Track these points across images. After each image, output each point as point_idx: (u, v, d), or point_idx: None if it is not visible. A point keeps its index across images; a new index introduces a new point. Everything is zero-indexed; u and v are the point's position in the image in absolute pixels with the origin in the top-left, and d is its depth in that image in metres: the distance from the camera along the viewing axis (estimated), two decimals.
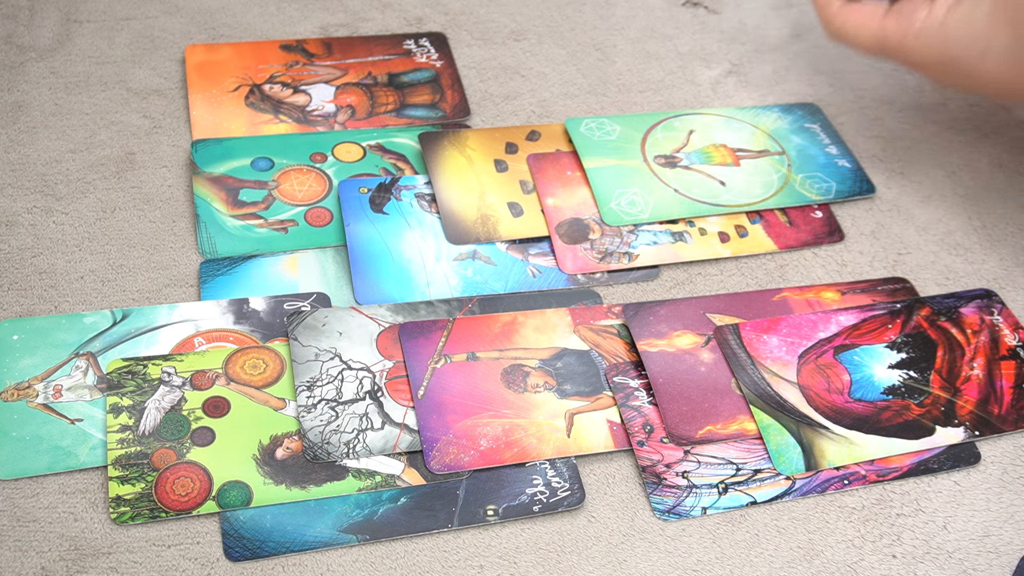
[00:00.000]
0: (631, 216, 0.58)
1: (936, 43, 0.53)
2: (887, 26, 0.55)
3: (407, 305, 0.53)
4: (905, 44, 0.55)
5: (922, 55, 0.54)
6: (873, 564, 0.46)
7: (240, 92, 0.63)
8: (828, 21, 0.58)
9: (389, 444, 0.48)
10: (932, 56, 0.54)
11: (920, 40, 0.54)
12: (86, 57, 0.65)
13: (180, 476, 0.46)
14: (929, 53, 0.54)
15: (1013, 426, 0.51)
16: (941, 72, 0.55)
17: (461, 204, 0.58)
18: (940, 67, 0.54)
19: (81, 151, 0.59)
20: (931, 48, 0.54)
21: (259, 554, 0.44)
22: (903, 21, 0.55)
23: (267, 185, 0.58)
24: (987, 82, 0.53)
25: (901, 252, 0.60)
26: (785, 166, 0.63)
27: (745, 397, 0.51)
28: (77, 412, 0.47)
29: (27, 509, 0.45)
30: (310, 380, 0.49)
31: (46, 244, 0.55)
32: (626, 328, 0.53)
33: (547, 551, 0.46)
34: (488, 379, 0.50)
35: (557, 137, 0.63)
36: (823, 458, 0.49)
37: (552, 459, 0.48)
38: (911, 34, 0.54)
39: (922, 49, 0.54)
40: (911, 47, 0.55)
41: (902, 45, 0.55)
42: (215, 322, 0.52)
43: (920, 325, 0.55)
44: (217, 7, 0.69)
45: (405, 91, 0.65)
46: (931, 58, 0.54)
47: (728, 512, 0.48)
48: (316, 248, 0.56)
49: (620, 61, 0.69)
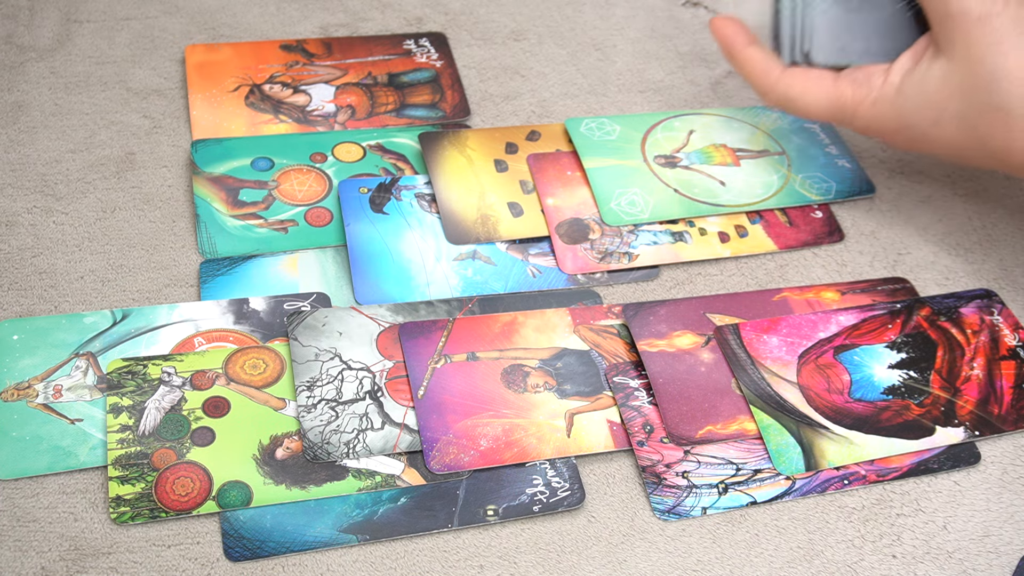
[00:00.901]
0: (631, 216, 0.58)
1: (892, 110, 0.53)
2: (842, 93, 0.54)
3: (407, 305, 0.53)
4: (860, 111, 0.54)
5: (879, 122, 0.54)
6: (873, 564, 0.46)
7: (240, 92, 0.63)
8: (769, 90, 0.56)
9: (389, 444, 0.48)
10: (889, 123, 0.54)
11: (876, 107, 0.53)
12: (86, 57, 0.65)
13: (180, 476, 0.46)
14: (885, 120, 0.54)
15: (1013, 426, 0.51)
16: (897, 137, 0.54)
17: (461, 204, 0.58)
18: (895, 133, 0.54)
19: (81, 151, 0.59)
20: (887, 115, 0.53)
21: (259, 554, 0.44)
22: (859, 89, 0.54)
23: (267, 185, 0.58)
24: (942, 147, 0.53)
25: (901, 252, 0.60)
26: (785, 166, 0.63)
27: (745, 397, 0.51)
28: (77, 412, 0.47)
29: (27, 509, 0.45)
30: (310, 380, 0.49)
31: (46, 244, 0.55)
32: (626, 328, 0.53)
33: (547, 551, 0.46)
34: (488, 379, 0.50)
35: (557, 137, 0.63)
36: (823, 458, 0.49)
37: (552, 459, 0.48)
38: (868, 101, 0.54)
39: (878, 116, 0.54)
40: (866, 114, 0.54)
41: (856, 112, 0.54)
42: (215, 322, 0.52)
43: (920, 325, 0.55)
44: (217, 7, 0.69)
45: (405, 91, 0.65)
46: (888, 125, 0.54)
47: (728, 512, 0.48)
48: (316, 248, 0.56)
49: (620, 61, 0.70)
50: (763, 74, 0.56)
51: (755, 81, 0.57)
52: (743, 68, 0.57)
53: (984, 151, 0.51)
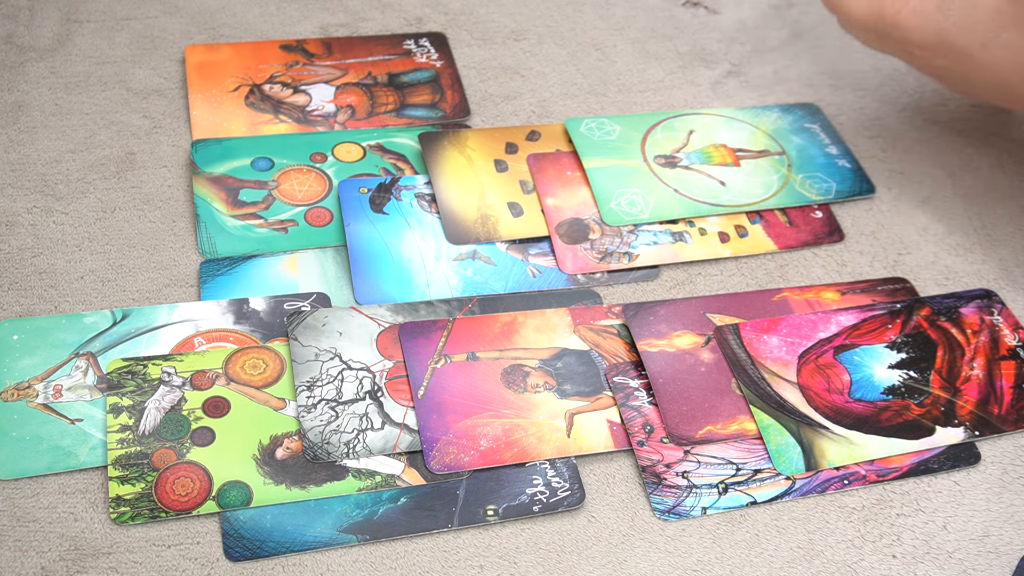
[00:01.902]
0: (631, 216, 0.58)
1: (934, 24, 0.51)
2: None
3: (407, 305, 0.53)
4: (900, 20, 0.52)
5: (919, 34, 0.52)
6: (873, 564, 0.46)
7: (240, 92, 0.63)
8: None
9: (389, 444, 0.48)
10: (929, 37, 0.51)
11: (917, 17, 0.51)
12: (86, 57, 0.65)
13: (180, 476, 0.46)
14: (926, 33, 0.51)
15: (1013, 426, 0.51)
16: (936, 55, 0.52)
17: (461, 204, 0.58)
18: (936, 50, 0.51)
19: (81, 151, 0.59)
20: (928, 28, 0.51)
21: (259, 554, 0.44)
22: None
23: (267, 185, 0.58)
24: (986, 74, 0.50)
25: (901, 252, 0.60)
26: (785, 166, 0.63)
27: (745, 397, 0.51)
28: (77, 412, 0.47)
29: (27, 509, 0.45)
30: (310, 380, 0.49)
31: (46, 244, 0.55)
32: (626, 328, 0.53)
33: (547, 551, 0.46)
34: (488, 379, 0.50)
35: (557, 137, 0.63)
36: (823, 458, 0.49)
37: (552, 459, 0.48)
38: (908, 8, 0.52)
39: (919, 27, 0.51)
40: (907, 23, 0.52)
41: (896, 21, 0.52)
42: (215, 322, 0.52)
43: (920, 325, 0.55)
44: (217, 7, 0.69)
45: (405, 91, 0.65)
46: (928, 39, 0.51)
47: (728, 512, 0.48)
48: (316, 248, 0.56)
49: (620, 61, 0.69)
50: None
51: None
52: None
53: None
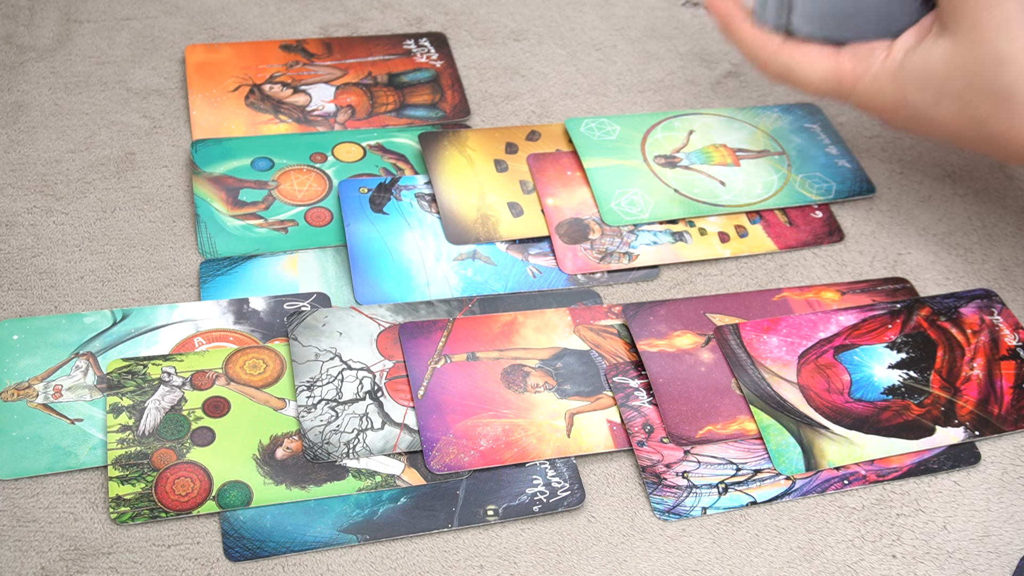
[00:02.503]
0: (631, 216, 0.58)
1: (892, 87, 0.53)
2: (842, 67, 0.54)
3: (407, 305, 0.53)
4: (859, 86, 0.54)
5: (878, 98, 0.53)
6: (873, 564, 0.46)
7: (240, 92, 0.63)
8: (767, 62, 0.56)
9: (389, 444, 0.48)
10: (888, 100, 0.53)
11: (877, 83, 0.53)
12: (86, 57, 0.65)
13: (180, 476, 0.46)
14: (885, 96, 0.53)
15: (1013, 426, 0.51)
16: (895, 116, 0.54)
17: (461, 204, 0.58)
18: (894, 111, 0.53)
19: (81, 151, 0.59)
20: (886, 91, 0.53)
21: (259, 554, 0.44)
22: (860, 63, 0.54)
23: (267, 185, 0.58)
24: (940, 128, 0.52)
25: (901, 252, 0.60)
26: (785, 166, 0.63)
27: (745, 397, 0.51)
28: (77, 412, 0.47)
29: (27, 509, 0.45)
30: (310, 380, 0.49)
31: (46, 244, 0.55)
32: (626, 328, 0.53)
33: (547, 551, 0.46)
34: (488, 379, 0.50)
35: (557, 137, 0.63)
36: (823, 458, 0.49)
37: (552, 459, 0.48)
38: (868, 76, 0.53)
39: (878, 92, 0.53)
40: (866, 89, 0.54)
41: (855, 87, 0.54)
42: (215, 322, 0.52)
43: (920, 325, 0.55)
44: (217, 7, 0.69)
45: (405, 91, 0.65)
46: (887, 102, 0.53)
47: (728, 512, 0.48)
48: (316, 248, 0.56)
49: (620, 61, 0.70)
50: (762, 46, 0.56)
51: (755, 54, 0.56)
52: (742, 43, 0.57)
53: (982, 135, 0.51)
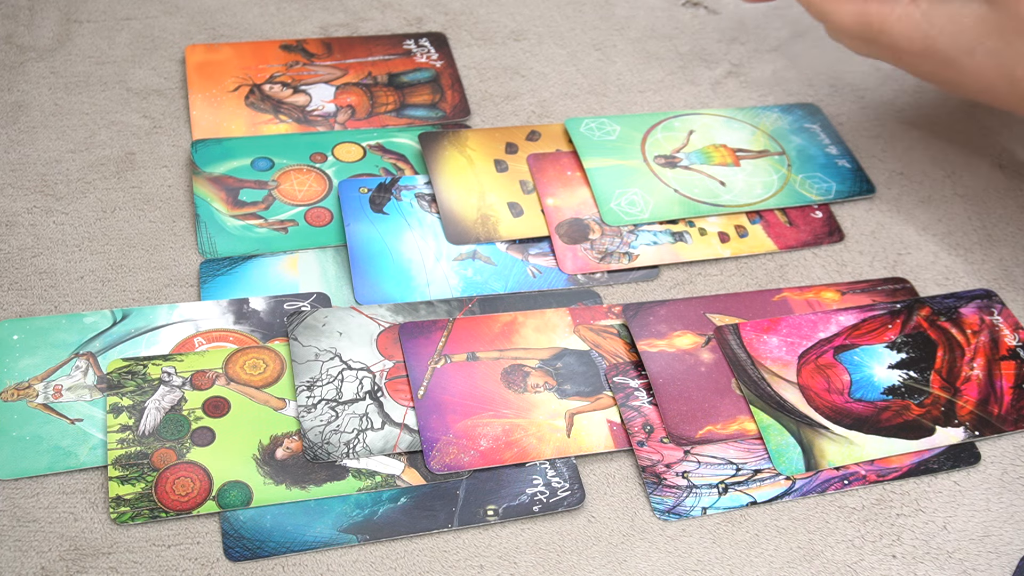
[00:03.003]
0: (631, 216, 0.58)
1: (920, 31, 0.52)
2: (869, 5, 0.54)
3: (407, 305, 0.53)
4: (886, 27, 0.53)
5: (906, 41, 0.53)
6: (873, 564, 0.46)
7: (240, 92, 0.63)
8: (809, 2, 0.57)
9: (389, 444, 0.48)
10: (915, 44, 0.52)
11: (902, 24, 0.52)
12: (86, 57, 0.65)
13: (180, 476, 0.46)
14: (912, 40, 0.52)
15: (1013, 426, 0.51)
16: (923, 61, 0.53)
17: (461, 204, 0.58)
18: (922, 56, 0.53)
19: (81, 151, 0.59)
20: (914, 35, 0.52)
21: (259, 554, 0.44)
22: (885, 3, 0.53)
23: (267, 185, 0.58)
24: (971, 78, 0.52)
25: (901, 252, 0.60)
26: (785, 166, 0.63)
27: (745, 397, 0.51)
28: (77, 412, 0.47)
29: (27, 509, 0.45)
30: (310, 380, 0.49)
31: (46, 244, 0.55)
32: (626, 328, 0.53)
33: (547, 551, 0.46)
34: (488, 379, 0.50)
35: (557, 137, 0.63)
36: (823, 458, 0.49)
37: (552, 459, 0.48)
38: (893, 17, 0.53)
39: (905, 34, 0.52)
40: (893, 30, 0.53)
41: (883, 28, 0.53)
42: (215, 322, 0.52)
43: (920, 325, 0.55)
44: (217, 7, 0.69)
45: (405, 91, 0.65)
46: (914, 45, 0.52)
47: (728, 512, 0.48)
48: (316, 248, 0.56)
49: (620, 61, 0.69)
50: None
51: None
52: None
53: (1013, 90, 0.50)
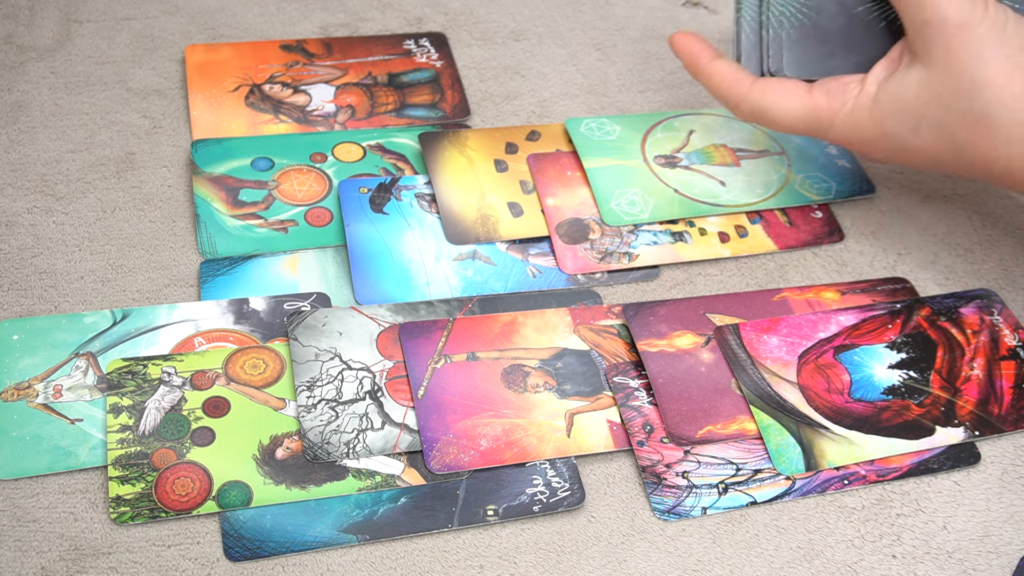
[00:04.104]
0: (631, 216, 0.58)
1: (869, 120, 0.52)
2: (817, 103, 0.53)
3: (407, 305, 0.53)
4: (836, 122, 0.53)
5: (856, 132, 0.53)
6: (873, 564, 0.46)
7: (240, 92, 0.63)
8: (740, 102, 0.55)
9: (389, 444, 0.48)
10: (867, 133, 0.52)
11: (853, 117, 0.52)
12: (86, 57, 0.65)
13: (180, 476, 0.46)
14: (863, 130, 0.52)
15: (1013, 426, 0.51)
16: (875, 148, 0.53)
17: (461, 204, 0.58)
18: (874, 143, 0.53)
19: (81, 151, 0.59)
20: (864, 125, 0.52)
21: (259, 554, 0.44)
22: (834, 99, 0.53)
23: (267, 185, 0.58)
24: (921, 156, 0.52)
25: (901, 252, 0.60)
26: (785, 166, 0.63)
27: (745, 397, 0.51)
28: (77, 412, 0.48)
29: (27, 509, 0.45)
30: (310, 380, 0.49)
31: (46, 244, 0.55)
32: (626, 328, 0.53)
33: (547, 551, 0.46)
34: (488, 379, 0.50)
35: (557, 137, 0.63)
36: (823, 458, 0.49)
37: (552, 459, 0.48)
38: (843, 112, 0.53)
39: (855, 126, 0.52)
40: (843, 124, 0.53)
41: (832, 123, 0.53)
42: (215, 322, 0.52)
43: (920, 325, 0.55)
44: (217, 7, 0.69)
45: (405, 91, 0.65)
46: (866, 135, 0.52)
47: (728, 512, 0.48)
48: (316, 248, 0.56)
49: (620, 61, 0.70)
50: (733, 85, 0.54)
51: (725, 94, 0.55)
52: (710, 82, 0.55)
53: (964, 159, 0.50)
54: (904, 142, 0.52)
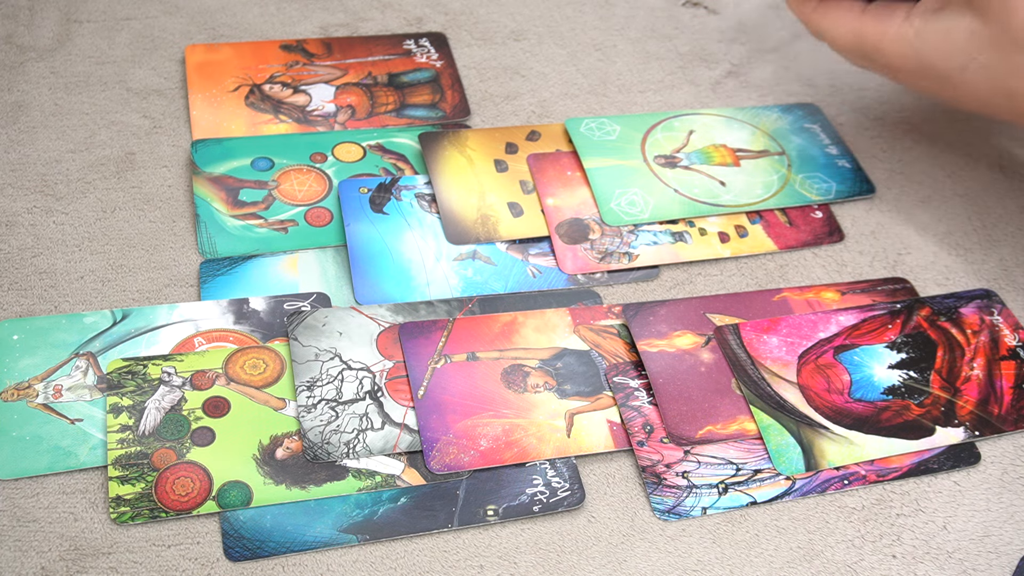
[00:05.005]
0: (631, 216, 0.58)
1: (913, 50, 0.52)
2: (864, 25, 0.54)
3: (407, 305, 0.53)
4: (882, 46, 0.53)
5: (900, 60, 0.53)
6: (873, 564, 0.46)
7: (240, 92, 0.63)
8: (807, 20, 0.57)
9: (389, 444, 0.48)
10: (910, 62, 0.53)
11: (896, 44, 0.53)
12: (86, 57, 0.65)
13: (180, 476, 0.46)
14: (906, 59, 0.53)
15: (1013, 426, 0.51)
16: (919, 78, 0.53)
17: (461, 204, 0.58)
18: (918, 73, 0.53)
19: (81, 151, 0.59)
20: (908, 53, 0.52)
21: (259, 554, 0.44)
22: (880, 23, 0.53)
23: (267, 185, 0.58)
24: (966, 94, 0.52)
25: (901, 252, 0.60)
26: (785, 166, 0.63)
27: (745, 397, 0.51)
28: (77, 412, 0.47)
29: (27, 509, 0.45)
30: (310, 380, 0.49)
31: (46, 244, 0.55)
32: (626, 328, 0.53)
33: (547, 551, 0.46)
34: (488, 379, 0.50)
35: (557, 137, 0.63)
36: (823, 458, 0.49)
37: (552, 459, 0.48)
38: (888, 37, 0.53)
39: (899, 53, 0.53)
40: (888, 50, 0.53)
41: (878, 47, 0.53)
42: (215, 322, 0.52)
43: (920, 325, 0.55)
44: (217, 7, 0.69)
45: (405, 91, 0.65)
46: (908, 64, 0.53)
47: (728, 512, 0.48)
48: (316, 248, 0.56)
49: (620, 61, 0.70)
50: (800, 4, 0.57)
51: (796, 12, 0.58)
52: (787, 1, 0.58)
53: (1012, 104, 0.50)
54: (951, 77, 0.51)
